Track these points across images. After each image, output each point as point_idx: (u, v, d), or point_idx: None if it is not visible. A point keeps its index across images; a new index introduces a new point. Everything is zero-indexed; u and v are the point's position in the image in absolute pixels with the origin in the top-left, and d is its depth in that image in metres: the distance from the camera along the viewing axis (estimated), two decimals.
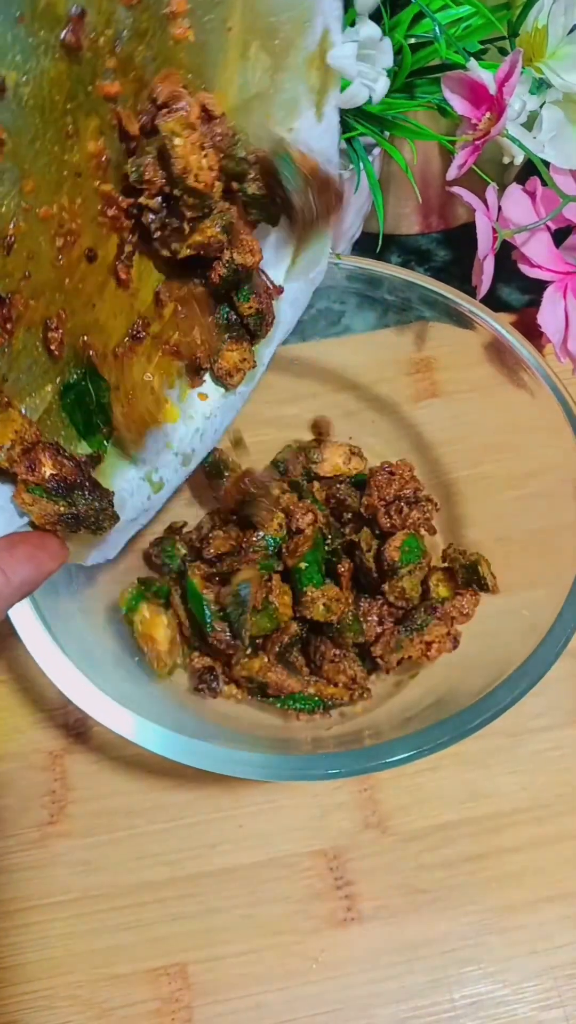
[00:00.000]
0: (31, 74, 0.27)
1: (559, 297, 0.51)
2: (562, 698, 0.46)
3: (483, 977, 0.40)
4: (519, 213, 0.49)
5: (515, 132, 0.45)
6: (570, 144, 0.47)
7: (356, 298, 0.50)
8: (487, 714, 0.36)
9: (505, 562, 0.44)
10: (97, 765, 0.45)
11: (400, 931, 0.41)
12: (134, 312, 0.35)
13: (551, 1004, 0.39)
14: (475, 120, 0.44)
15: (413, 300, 0.48)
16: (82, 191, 0.31)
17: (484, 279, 0.48)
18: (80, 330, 0.33)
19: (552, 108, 0.47)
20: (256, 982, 0.40)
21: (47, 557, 0.30)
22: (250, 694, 0.44)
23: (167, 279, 0.36)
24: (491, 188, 0.48)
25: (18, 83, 0.27)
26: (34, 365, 0.32)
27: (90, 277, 0.33)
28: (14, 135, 0.27)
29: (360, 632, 0.43)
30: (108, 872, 0.42)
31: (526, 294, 0.62)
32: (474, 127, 0.44)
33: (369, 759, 0.36)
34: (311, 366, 0.53)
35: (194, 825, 0.43)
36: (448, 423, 0.51)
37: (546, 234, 0.51)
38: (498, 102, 0.42)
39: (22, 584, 0.29)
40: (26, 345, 0.31)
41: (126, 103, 0.30)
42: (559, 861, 0.42)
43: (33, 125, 0.28)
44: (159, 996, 0.40)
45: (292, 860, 0.43)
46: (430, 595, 0.45)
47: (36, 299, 0.30)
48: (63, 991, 0.40)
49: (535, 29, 0.45)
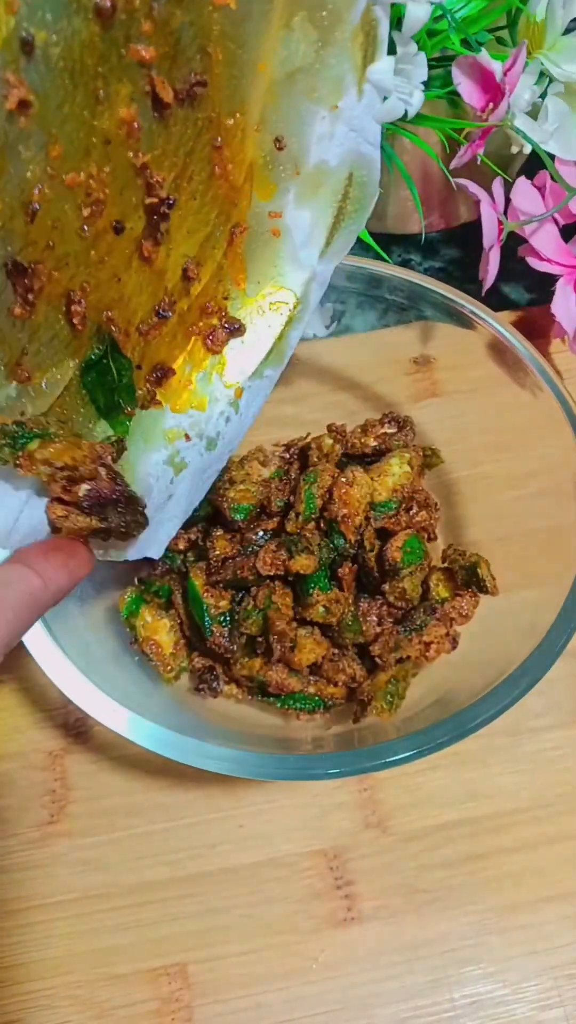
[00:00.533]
0: (62, 34, 0.26)
1: (570, 291, 0.51)
2: (562, 698, 0.46)
3: (483, 977, 0.40)
4: (528, 207, 0.49)
5: (521, 123, 0.45)
6: (573, 135, 0.47)
7: (356, 298, 0.49)
8: (487, 714, 0.36)
9: (505, 562, 0.44)
10: (97, 765, 0.45)
11: (400, 931, 0.41)
12: (161, 288, 0.34)
13: (551, 1004, 0.39)
14: (480, 109, 0.44)
15: (413, 300, 0.48)
16: (111, 159, 0.30)
17: (490, 270, 0.48)
18: (104, 304, 0.32)
19: (555, 99, 0.47)
20: (256, 982, 0.40)
21: (78, 564, 0.30)
22: (250, 694, 0.44)
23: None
24: (498, 181, 0.48)
25: (48, 43, 0.26)
26: (55, 339, 0.31)
27: (116, 250, 0.32)
28: (42, 98, 0.26)
29: (359, 632, 0.43)
30: (108, 872, 0.43)
31: (530, 292, 0.62)
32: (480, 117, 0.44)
33: (369, 759, 0.36)
34: (311, 366, 0.53)
35: (194, 825, 0.43)
36: (448, 423, 0.51)
37: (554, 227, 0.51)
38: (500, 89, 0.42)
39: (57, 591, 0.29)
40: (48, 318, 0.30)
41: (161, 69, 0.29)
42: (559, 861, 0.42)
43: (62, 88, 0.27)
44: (159, 996, 0.40)
45: (292, 860, 0.43)
46: (430, 595, 0.45)
47: (60, 270, 0.30)
48: (63, 991, 0.40)
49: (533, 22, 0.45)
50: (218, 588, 0.44)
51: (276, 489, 0.46)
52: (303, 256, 0.37)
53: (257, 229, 0.37)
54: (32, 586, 0.28)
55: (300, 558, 0.42)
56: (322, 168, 0.35)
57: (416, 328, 0.50)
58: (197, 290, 0.36)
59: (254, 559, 0.43)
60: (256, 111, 0.33)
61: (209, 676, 0.44)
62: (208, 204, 0.34)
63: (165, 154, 0.32)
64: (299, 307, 0.38)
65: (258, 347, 0.39)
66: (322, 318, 0.51)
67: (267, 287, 0.38)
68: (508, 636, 0.40)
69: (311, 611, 0.43)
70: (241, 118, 0.33)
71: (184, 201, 0.33)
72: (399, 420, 0.49)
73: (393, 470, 0.45)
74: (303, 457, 0.48)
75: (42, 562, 0.29)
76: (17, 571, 0.28)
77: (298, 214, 0.36)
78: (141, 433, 0.36)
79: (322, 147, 0.35)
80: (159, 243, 0.33)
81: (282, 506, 0.45)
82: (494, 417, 0.48)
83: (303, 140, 0.35)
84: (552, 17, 0.44)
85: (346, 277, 0.49)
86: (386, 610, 0.44)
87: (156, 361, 0.36)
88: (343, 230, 0.37)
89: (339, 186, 0.36)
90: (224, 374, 0.38)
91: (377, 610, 0.44)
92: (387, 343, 0.52)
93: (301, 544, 0.42)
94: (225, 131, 0.33)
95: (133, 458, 0.35)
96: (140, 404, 0.35)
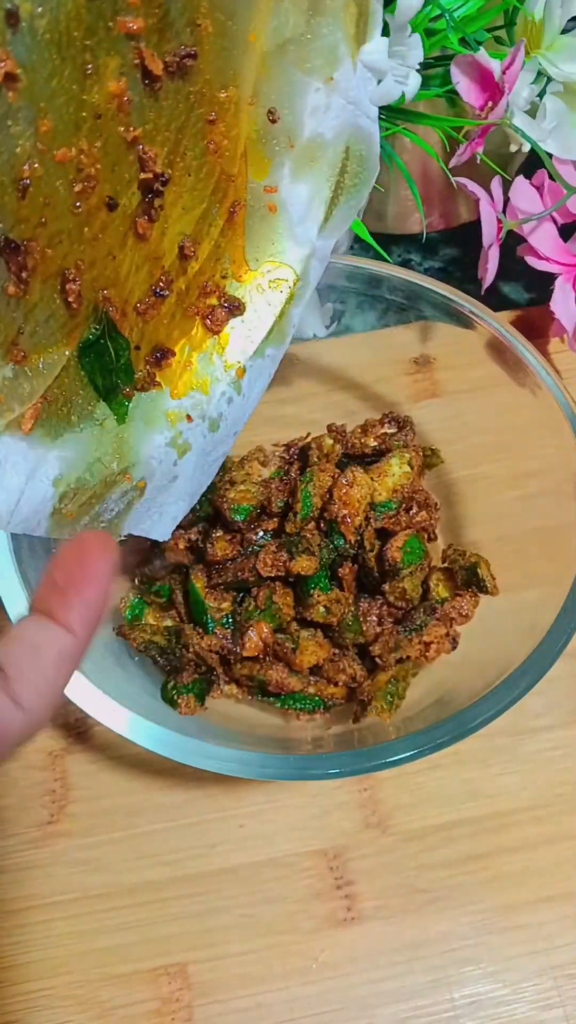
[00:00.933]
0: (47, 5, 0.25)
1: (568, 289, 0.51)
2: (562, 698, 0.46)
3: (483, 977, 0.40)
4: (526, 206, 0.50)
5: (520, 122, 0.45)
6: (570, 134, 0.47)
7: (356, 298, 0.49)
8: (487, 714, 0.36)
9: (505, 562, 0.44)
10: (97, 765, 0.45)
11: (400, 931, 0.41)
12: (157, 267, 0.34)
13: (551, 1004, 0.39)
14: (479, 108, 0.44)
15: (413, 299, 0.48)
16: (102, 134, 0.29)
17: (489, 268, 0.48)
18: (100, 284, 0.32)
19: (553, 99, 0.47)
20: (256, 982, 0.40)
21: (98, 598, 0.26)
22: (250, 693, 0.44)
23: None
24: (496, 180, 0.48)
25: (33, 14, 0.25)
26: (51, 319, 0.31)
27: (110, 227, 0.31)
28: (29, 71, 0.26)
29: (360, 632, 0.43)
30: (108, 872, 0.42)
31: (529, 292, 0.62)
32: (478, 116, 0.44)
33: (369, 759, 0.36)
34: (311, 366, 0.53)
35: (194, 825, 0.43)
36: (448, 423, 0.51)
37: (552, 226, 0.51)
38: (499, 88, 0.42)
39: (87, 638, 0.26)
40: (43, 297, 0.30)
41: (149, 42, 0.29)
42: (559, 861, 0.42)
43: (50, 61, 0.26)
44: (159, 996, 0.40)
45: (292, 860, 0.43)
46: (430, 595, 0.45)
47: (53, 248, 0.29)
48: (63, 991, 0.40)
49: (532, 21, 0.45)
50: (219, 590, 0.44)
51: (276, 490, 0.46)
52: (301, 232, 0.36)
53: (253, 205, 0.36)
54: (63, 644, 0.25)
55: (301, 559, 0.42)
56: (317, 141, 0.35)
57: (416, 328, 0.50)
58: (195, 268, 0.35)
59: (254, 560, 0.43)
60: (249, 84, 0.33)
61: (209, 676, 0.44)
62: (203, 180, 0.34)
63: (157, 128, 0.31)
64: (299, 284, 0.37)
65: (259, 326, 0.38)
66: (322, 318, 0.51)
67: (265, 264, 0.37)
68: (508, 636, 0.40)
69: (312, 612, 0.43)
70: (234, 91, 0.32)
71: (178, 177, 0.33)
72: (399, 420, 0.49)
73: (393, 470, 0.45)
74: (303, 457, 0.48)
75: (65, 612, 0.26)
76: (44, 632, 0.25)
77: (294, 188, 0.36)
78: (142, 415, 0.35)
79: (317, 119, 0.34)
80: (153, 220, 0.32)
81: (282, 506, 0.45)
82: (494, 417, 0.48)
83: (296, 112, 0.34)
84: (550, 16, 0.44)
85: (346, 277, 0.49)
86: (386, 610, 0.44)
87: (155, 342, 0.35)
88: (342, 205, 0.36)
89: (336, 159, 0.35)
90: (225, 354, 0.38)
91: (377, 610, 0.44)
92: (387, 343, 0.52)
93: (301, 545, 0.42)
94: (218, 105, 0.32)
95: (135, 440, 0.35)
96: (140, 386, 0.35)
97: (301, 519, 0.43)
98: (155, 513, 0.35)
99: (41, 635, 0.25)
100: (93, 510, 0.35)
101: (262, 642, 0.42)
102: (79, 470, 0.34)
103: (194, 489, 0.38)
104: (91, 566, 0.26)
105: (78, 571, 0.26)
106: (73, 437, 0.33)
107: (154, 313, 0.34)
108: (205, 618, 0.43)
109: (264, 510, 0.45)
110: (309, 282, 0.37)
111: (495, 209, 0.48)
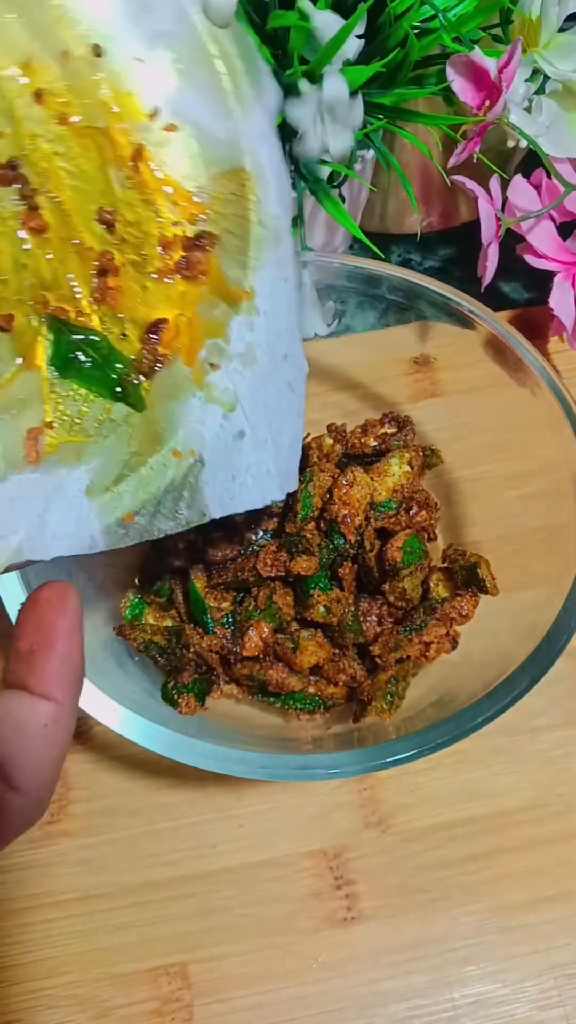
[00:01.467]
0: None
1: (567, 286, 0.51)
2: (562, 698, 0.46)
3: (483, 977, 0.40)
4: (524, 204, 0.50)
5: (516, 119, 0.45)
6: (566, 133, 0.47)
7: (356, 298, 0.49)
8: (487, 714, 0.36)
9: (505, 562, 0.44)
10: (97, 765, 0.45)
11: (400, 931, 0.41)
12: (82, 250, 0.31)
13: (551, 1004, 0.39)
14: (476, 107, 0.44)
15: (413, 299, 0.48)
16: None
17: (489, 266, 0.48)
18: (27, 294, 0.29)
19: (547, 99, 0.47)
20: (256, 982, 0.40)
21: (73, 653, 0.25)
22: (250, 693, 0.44)
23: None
24: (495, 178, 0.48)
25: None
26: None
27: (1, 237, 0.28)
28: None
29: (360, 632, 0.43)
30: (109, 871, 0.43)
31: (528, 291, 0.62)
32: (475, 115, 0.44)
33: (369, 759, 0.36)
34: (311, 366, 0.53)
35: (194, 825, 0.43)
36: (448, 423, 0.51)
37: (550, 225, 0.51)
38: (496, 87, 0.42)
39: (74, 702, 0.25)
40: None
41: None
42: (559, 861, 0.42)
43: None
44: (159, 996, 0.40)
45: (292, 860, 0.43)
46: (430, 595, 0.45)
47: None
48: (63, 991, 0.40)
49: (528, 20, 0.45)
50: (219, 590, 0.44)
51: None
52: (222, 133, 0.32)
53: (149, 139, 0.31)
54: (45, 714, 0.24)
55: (301, 559, 0.42)
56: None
57: (416, 328, 0.50)
58: (129, 229, 0.31)
59: (254, 560, 0.43)
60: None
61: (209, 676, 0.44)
62: (85, 148, 0.30)
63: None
64: (255, 180, 0.33)
65: (241, 241, 0.33)
66: (322, 318, 0.51)
67: (204, 177, 0.33)
68: (508, 636, 0.40)
69: (312, 612, 0.43)
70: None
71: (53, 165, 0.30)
72: (399, 420, 0.49)
73: (393, 470, 0.45)
74: (303, 457, 0.48)
75: (38, 680, 0.24)
76: (23, 707, 0.24)
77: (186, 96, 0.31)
78: (163, 394, 0.32)
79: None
80: (35, 208, 0.29)
81: (282, 506, 0.45)
82: (494, 417, 0.48)
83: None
84: (547, 15, 0.44)
85: (346, 277, 0.49)
86: (386, 610, 0.44)
87: (141, 321, 0.32)
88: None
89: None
90: (225, 287, 0.33)
91: (377, 610, 0.44)
92: (387, 343, 0.52)
93: (301, 545, 0.42)
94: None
95: (167, 418, 0.32)
96: (145, 368, 0.32)
97: (301, 519, 0.43)
98: (241, 479, 0.32)
99: (22, 711, 0.24)
100: (152, 503, 0.32)
101: (262, 642, 0.42)
102: (112, 473, 0.31)
103: (280, 422, 0.34)
104: (51, 625, 0.25)
105: (38, 635, 0.24)
106: (96, 447, 0.31)
107: (115, 294, 0.31)
108: (205, 618, 0.43)
109: (264, 510, 0.45)
110: (264, 173, 0.32)
111: (494, 207, 0.48)
